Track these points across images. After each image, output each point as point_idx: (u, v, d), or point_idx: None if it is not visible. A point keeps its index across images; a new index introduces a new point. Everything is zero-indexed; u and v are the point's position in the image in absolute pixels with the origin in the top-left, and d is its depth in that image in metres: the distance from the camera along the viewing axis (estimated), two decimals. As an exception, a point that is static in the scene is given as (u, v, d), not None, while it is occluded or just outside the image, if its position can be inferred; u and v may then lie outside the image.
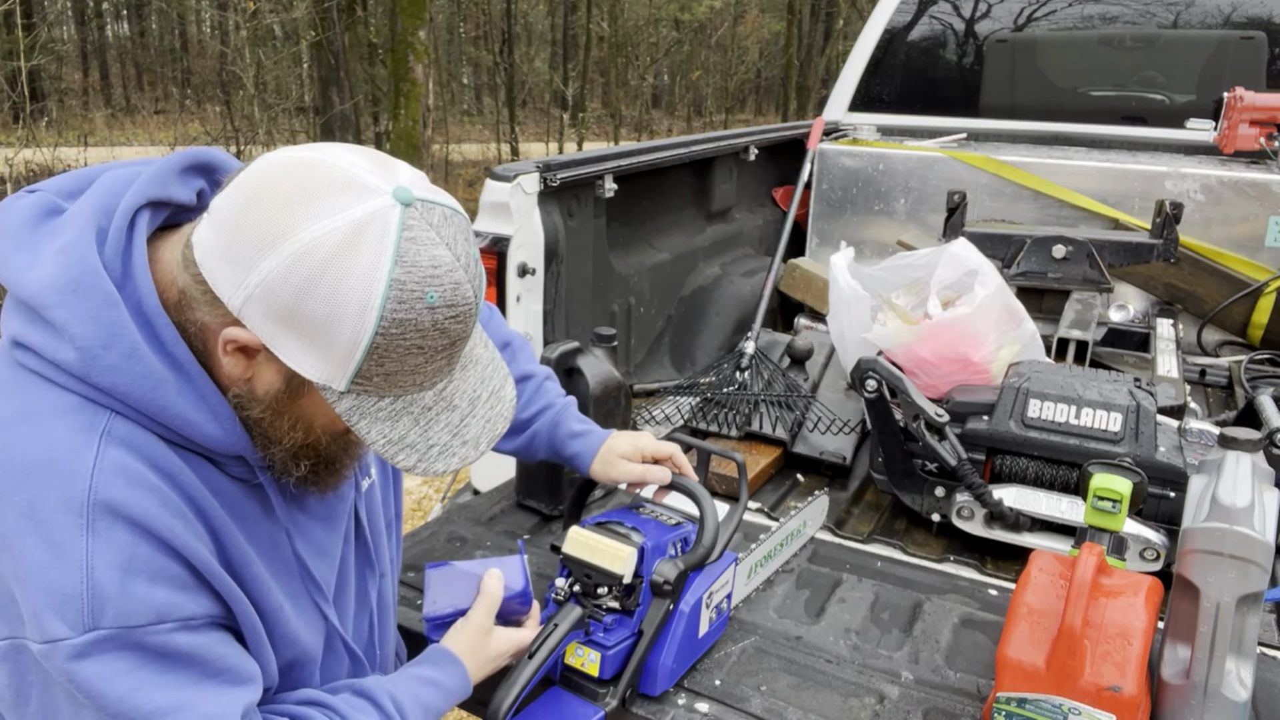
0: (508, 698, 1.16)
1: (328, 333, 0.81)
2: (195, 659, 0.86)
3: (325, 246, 0.79)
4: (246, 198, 0.83)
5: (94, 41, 22.39)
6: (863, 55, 3.84)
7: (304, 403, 0.89)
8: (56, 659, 0.79)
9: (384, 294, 0.80)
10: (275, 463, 0.94)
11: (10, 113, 9.53)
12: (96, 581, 0.79)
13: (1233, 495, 1.22)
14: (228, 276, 0.82)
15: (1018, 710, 1.21)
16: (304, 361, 0.83)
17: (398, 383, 0.87)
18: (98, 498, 0.81)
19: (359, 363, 0.83)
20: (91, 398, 0.84)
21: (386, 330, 0.82)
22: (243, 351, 0.86)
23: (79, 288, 0.83)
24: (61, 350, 0.83)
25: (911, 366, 2.11)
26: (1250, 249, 2.85)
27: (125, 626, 0.81)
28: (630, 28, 21.51)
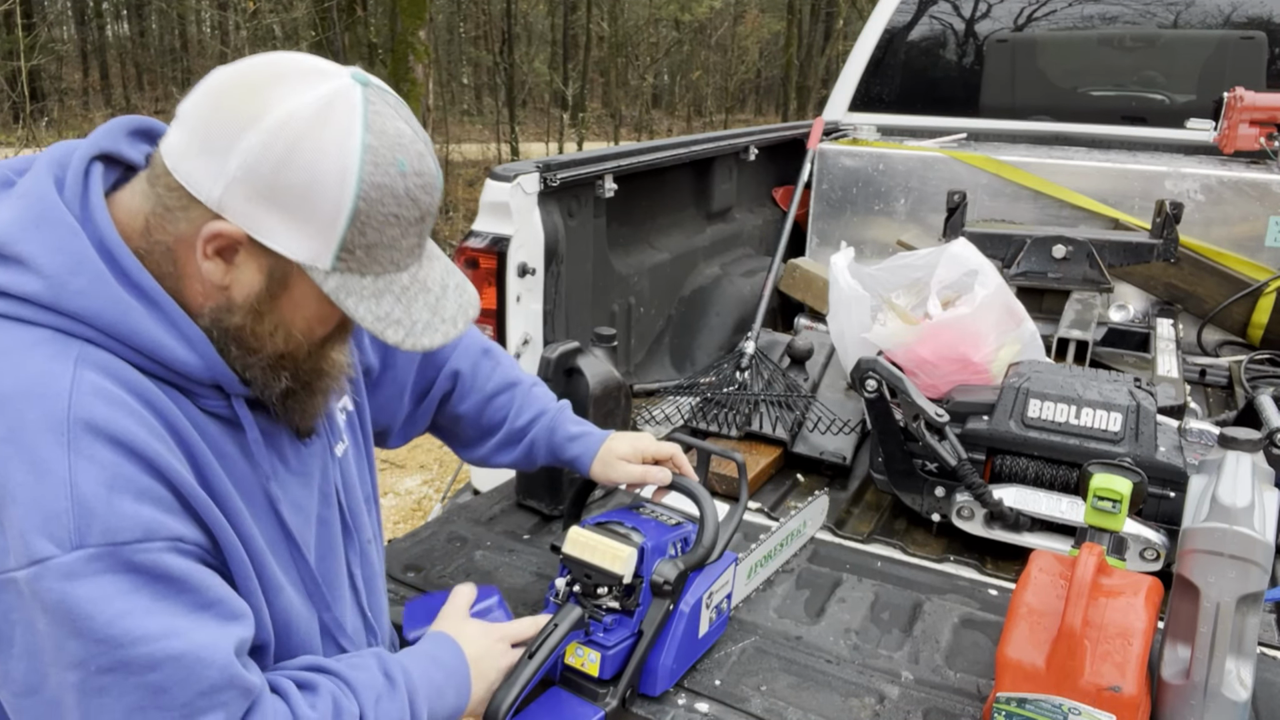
0: (508, 698, 1.16)
1: (311, 201, 0.85)
2: (186, 585, 0.85)
3: (301, 118, 0.84)
4: (216, 94, 0.86)
5: (94, 41, 22.39)
6: (863, 55, 3.84)
7: (284, 302, 0.91)
8: (46, 580, 0.77)
9: (360, 158, 0.85)
10: (254, 380, 0.94)
11: (10, 112, 9.53)
12: (81, 497, 0.79)
13: (1233, 495, 1.22)
14: (206, 167, 0.84)
15: (1018, 710, 1.21)
16: (289, 241, 0.86)
17: (377, 258, 0.90)
18: (77, 416, 0.80)
19: (342, 233, 0.87)
20: (63, 328, 0.84)
21: (366, 194, 0.86)
22: (222, 253, 0.87)
23: (42, 221, 0.85)
24: (29, 282, 0.84)
25: (911, 366, 2.11)
26: (1250, 249, 2.85)
27: (113, 543, 0.79)
28: (630, 28, 21.51)
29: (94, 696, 0.80)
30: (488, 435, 1.46)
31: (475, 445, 1.48)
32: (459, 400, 1.44)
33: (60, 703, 0.80)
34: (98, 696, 0.80)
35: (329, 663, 1.01)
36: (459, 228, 9.78)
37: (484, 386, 1.44)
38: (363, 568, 1.17)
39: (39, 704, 0.80)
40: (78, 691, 0.79)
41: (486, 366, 1.46)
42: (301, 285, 0.90)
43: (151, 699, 0.81)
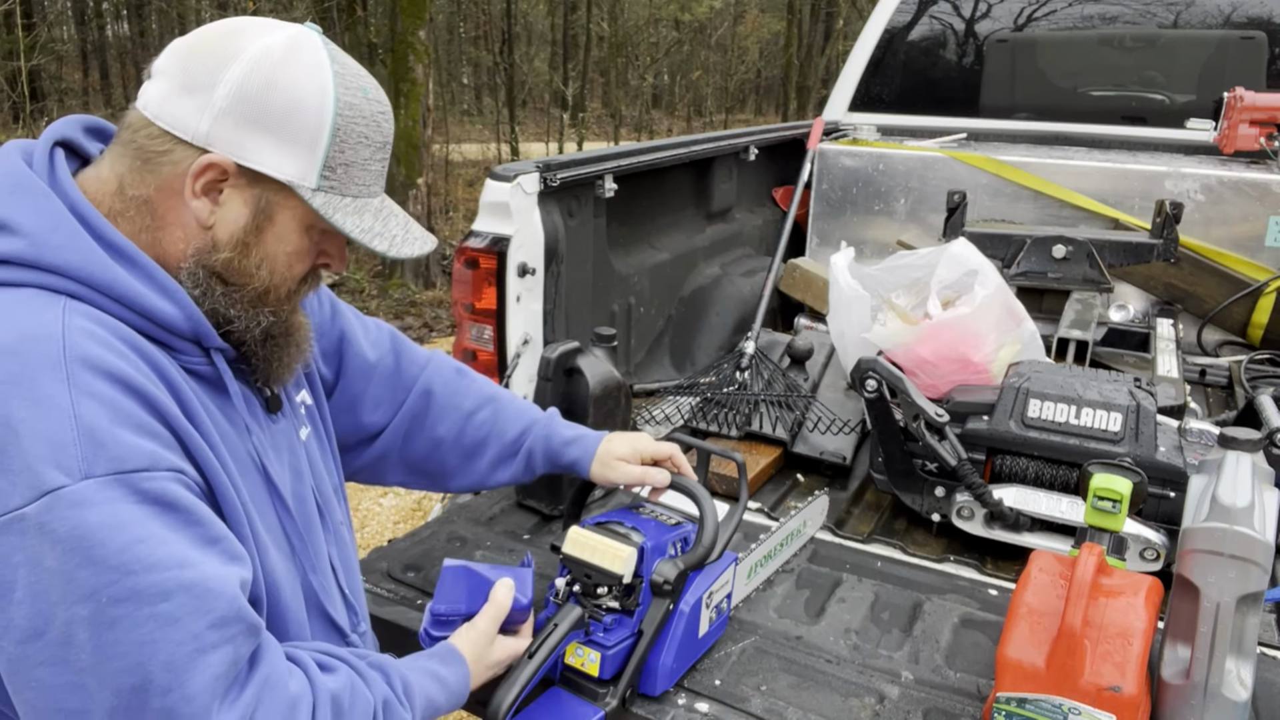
0: (508, 697, 1.16)
1: (296, 120, 0.94)
2: (193, 516, 0.86)
3: (276, 50, 0.94)
4: (189, 47, 0.95)
5: (94, 41, 22.38)
6: (863, 55, 3.83)
7: (269, 234, 0.98)
8: (57, 510, 0.78)
9: (333, 81, 0.96)
10: (237, 319, 0.99)
11: (10, 113, 9.53)
12: (86, 427, 0.81)
13: (1233, 495, 1.22)
14: (191, 105, 0.92)
15: (1018, 710, 1.21)
16: (277, 161, 0.94)
17: (354, 178, 1.00)
18: (73, 354, 0.83)
19: (325, 149, 0.96)
20: (46, 284, 0.88)
21: (342, 112, 0.96)
22: (209, 190, 0.94)
23: (16, 189, 0.90)
24: (10, 242, 0.87)
25: (911, 366, 2.11)
26: (1250, 249, 2.85)
27: (120, 471, 0.81)
28: (630, 28, 21.51)
29: (106, 629, 0.80)
30: (474, 455, 1.43)
31: (463, 469, 1.44)
32: (436, 421, 1.41)
33: (70, 640, 0.79)
34: (110, 629, 0.80)
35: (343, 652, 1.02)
36: (459, 228, 9.77)
37: (461, 404, 1.42)
38: (338, 548, 1.18)
39: (45, 647, 0.79)
40: (90, 625, 0.79)
41: (461, 385, 1.44)
42: (284, 215, 0.98)
43: (162, 630, 0.81)
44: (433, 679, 1.08)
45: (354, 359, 1.35)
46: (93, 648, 0.79)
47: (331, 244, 1.05)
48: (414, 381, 1.41)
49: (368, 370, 1.36)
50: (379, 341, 1.39)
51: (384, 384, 1.38)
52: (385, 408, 1.39)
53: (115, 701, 0.80)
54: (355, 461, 1.40)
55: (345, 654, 1.02)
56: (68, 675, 0.80)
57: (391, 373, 1.39)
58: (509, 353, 2.08)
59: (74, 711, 0.80)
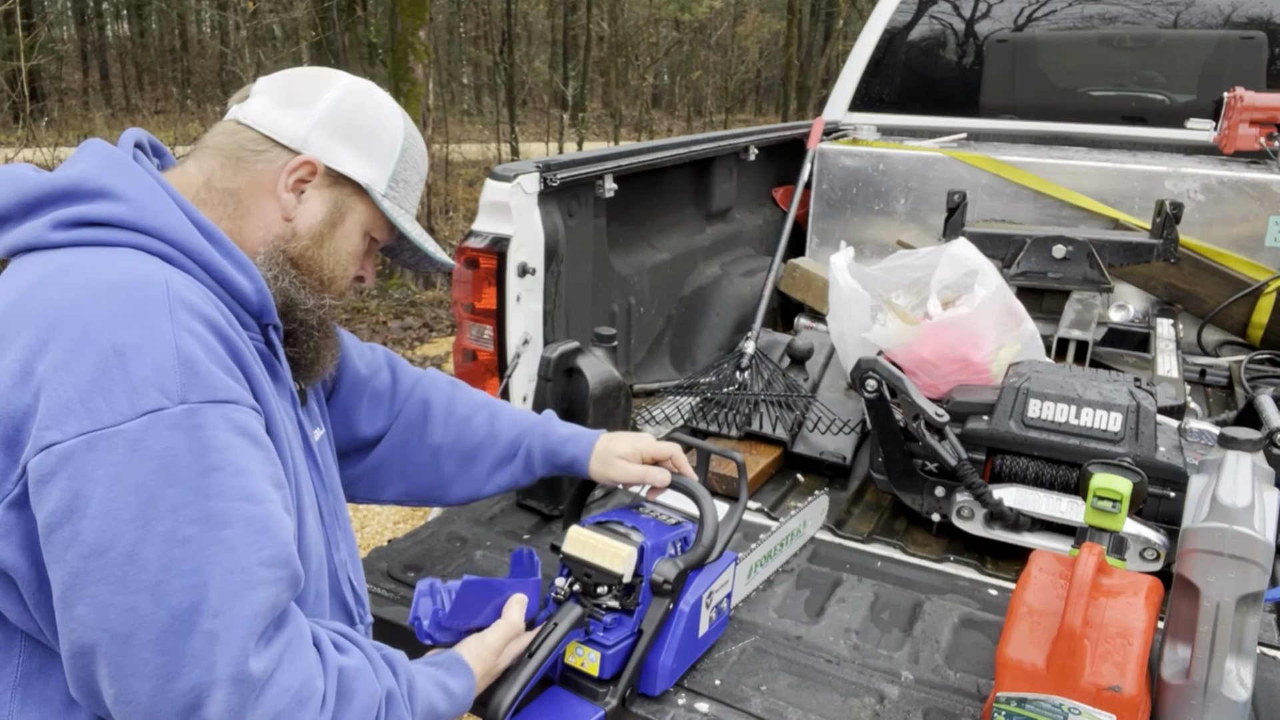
0: (507, 697, 1.16)
1: (377, 136, 1.15)
2: (270, 455, 0.94)
3: (361, 83, 1.17)
4: (288, 75, 1.15)
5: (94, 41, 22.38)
6: (863, 55, 3.83)
7: (339, 232, 1.14)
8: (156, 429, 0.84)
9: (401, 114, 1.19)
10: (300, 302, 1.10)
11: (10, 113, 9.53)
12: (186, 358, 0.88)
13: (1233, 495, 1.22)
14: (291, 115, 1.10)
15: (1018, 710, 1.21)
16: (359, 167, 1.13)
17: (408, 196, 1.20)
18: (175, 296, 0.91)
19: (395, 163, 1.16)
20: (145, 246, 0.96)
21: (408, 139, 1.18)
22: (297, 186, 1.09)
23: (117, 165, 1.00)
24: (113, 206, 0.96)
25: (911, 366, 2.11)
26: (1250, 249, 2.85)
27: (213, 400, 0.88)
28: (630, 28, 21.50)
29: (178, 546, 0.84)
30: (472, 460, 1.45)
31: (462, 475, 1.45)
32: (433, 429, 1.43)
33: (134, 558, 0.83)
34: (181, 547, 0.84)
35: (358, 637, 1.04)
36: (459, 228, 9.77)
37: (456, 410, 1.45)
38: (346, 542, 1.21)
39: (107, 565, 0.82)
40: (164, 542, 0.83)
41: (456, 393, 1.48)
42: (353, 217, 1.14)
43: (221, 556, 0.85)
44: (438, 687, 1.09)
45: (347, 373, 1.40)
46: (160, 565, 0.83)
47: (369, 260, 1.22)
48: (409, 393, 1.44)
49: (361, 384, 1.41)
50: (373, 361, 1.45)
51: (378, 397, 1.42)
52: (381, 419, 1.42)
53: (169, 621, 0.83)
54: (353, 469, 1.42)
55: (360, 640, 1.03)
56: (122, 595, 0.82)
57: (387, 386, 1.43)
58: (509, 353, 2.08)
59: (119, 634, 0.83)
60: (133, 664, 0.83)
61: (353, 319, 6.72)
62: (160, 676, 0.83)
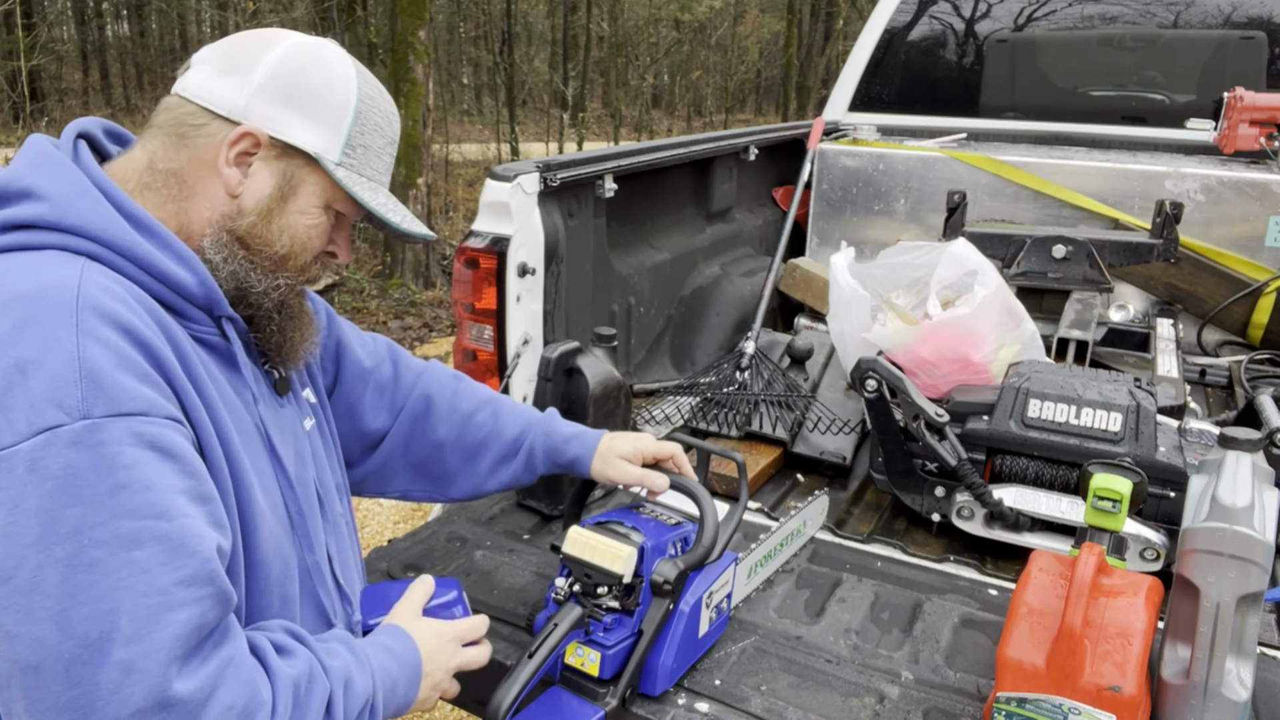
0: (507, 697, 1.16)
1: (325, 99, 1.05)
2: (186, 467, 0.88)
3: (307, 44, 1.07)
4: (229, 40, 1.06)
5: (94, 41, 22.37)
6: (863, 55, 3.83)
7: (291, 206, 1.06)
8: (53, 448, 0.80)
9: (355, 73, 1.08)
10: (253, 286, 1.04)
11: (10, 113, 9.53)
12: (89, 370, 0.83)
13: (1233, 495, 1.22)
14: (230, 83, 1.02)
15: (1018, 710, 1.21)
16: (306, 135, 1.04)
17: (370, 162, 1.10)
18: (85, 302, 0.86)
19: (349, 127, 1.06)
20: (69, 246, 0.92)
21: (364, 98, 1.08)
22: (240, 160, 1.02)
23: (44, 162, 0.96)
24: (35, 207, 0.92)
25: (911, 366, 2.11)
26: (1250, 249, 2.84)
27: (119, 413, 0.83)
28: (630, 28, 21.50)
29: (83, 571, 0.79)
30: (475, 456, 1.44)
31: (464, 471, 1.44)
32: (436, 424, 1.42)
33: (37, 587, 0.79)
34: (86, 572, 0.80)
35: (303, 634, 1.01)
36: (459, 228, 9.77)
37: (460, 406, 1.44)
38: (335, 539, 1.18)
39: (10, 593, 0.79)
40: (66, 567, 0.79)
41: (460, 389, 1.47)
42: (307, 189, 1.06)
43: (133, 578, 0.81)
44: (383, 650, 1.07)
45: (350, 364, 1.38)
46: (63, 592, 0.79)
47: (340, 235, 1.13)
48: (412, 387, 1.43)
49: (364, 375, 1.39)
50: (375, 351, 1.43)
51: (382, 390, 1.41)
52: (385, 413, 1.41)
53: (76, 652, 0.78)
54: (360, 468, 1.41)
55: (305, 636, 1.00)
56: (27, 625, 0.78)
57: (390, 379, 1.42)
58: (509, 353, 2.08)
59: (28, 666, 0.78)
60: (46, 698, 0.78)
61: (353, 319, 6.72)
62: (75, 712, 0.78)
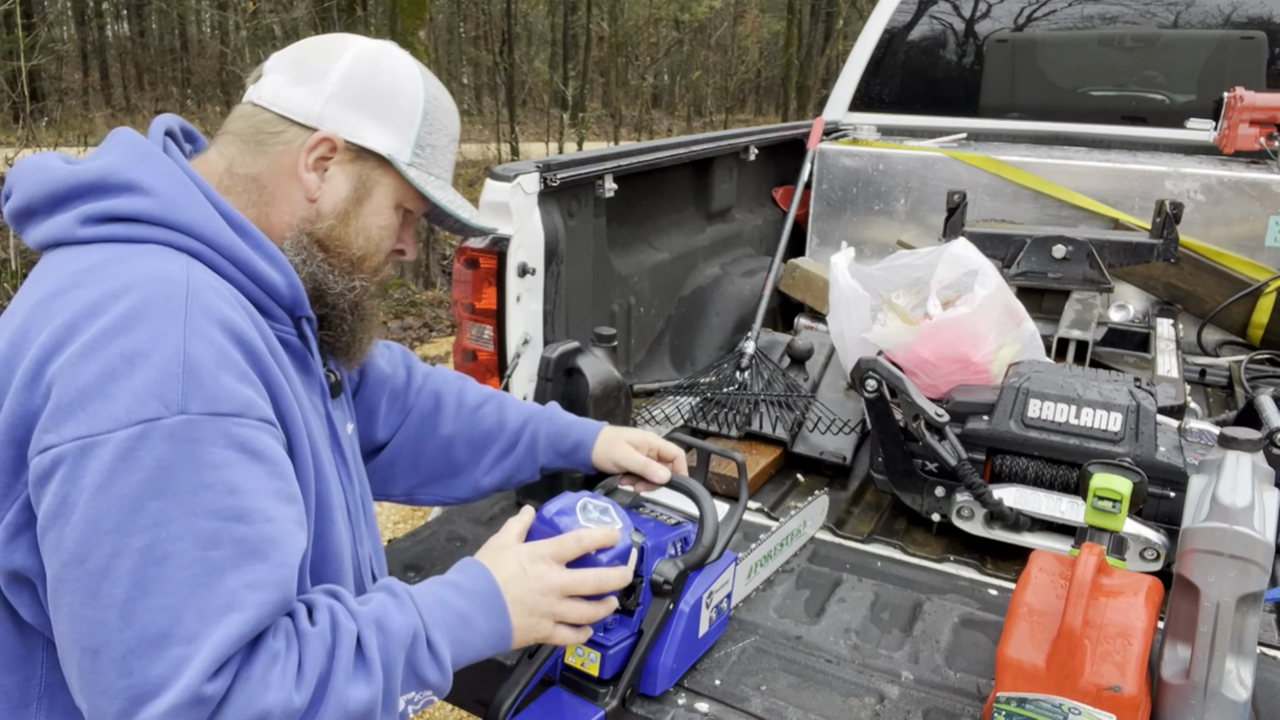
0: (508, 697, 1.16)
1: (395, 102, 1.09)
2: (276, 469, 0.90)
3: (374, 45, 1.11)
4: (298, 49, 1.10)
5: (94, 41, 22.37)
6: (863, 55, 3.83)
7: (366, 207, 1.10)
8: (150, 440, 0.82)
9: (419, 73, 1.13)
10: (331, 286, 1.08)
11: (10, 113, 9.53)
12: (192, 366, 0.85)
13: (1233, 495, 1.22)
14: (305, 91, 1.06)
15: (1018, 710, 1.21)
16: (379, 138, 1.08)
17: (437, 160, 1.14)
18: (194, 299, 0.89)
19: (418, 128, 1.11)
20: (170, 242, 0.94)
21: (430, 99, 1.12)
22: (319, 164, 1.06)
23: (145, 157, 0.98)
24: (140, 201, 0.94)
25: (911, 366, 2.11)
26: (1250, 249, 2.85)
27: (213, 413, 0.85)
28: (630, 28, 21.50)
29: (156, 565, 0.81)
30: (482, 449, 1.45)
31: (472, 465, 1.44)
32: (444, 420, 1.44)
33: (108, 573, 0.80)
34: (160, 565, 0.81)
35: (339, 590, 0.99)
36: (459, 228, 9.74)
37: (467, 400, 1.46)
38: (371, 539, 1.21)
39: (82, 575, 0.80)
40: (140, 558, 0.80)
41: (465, 385, 1.49)
42: (380, 191, 1.10)
43: (205, 576, 0.82)
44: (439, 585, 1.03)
45: (373, 370, 1.40)
46: (133, 582, 0.80)
47: (406, 232, 1.18)
48: (420, 389, 1.45)
49: (383, 381, 1.41)
50: (392, 359, 1.45)
51: (395, 396, 1.42)
52: (396, 417, 1.43)
53: (135, 643, 0.79)
54: (366, 465, 1.41)
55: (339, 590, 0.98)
56: (94, 610, 0.80)
57: (403, 385, 1.44)
58: (509, 353, 2.08)
59: (87, 649, 0.80)
60: (99, 683, 0.80)
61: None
62: (124, 699, 0.79)
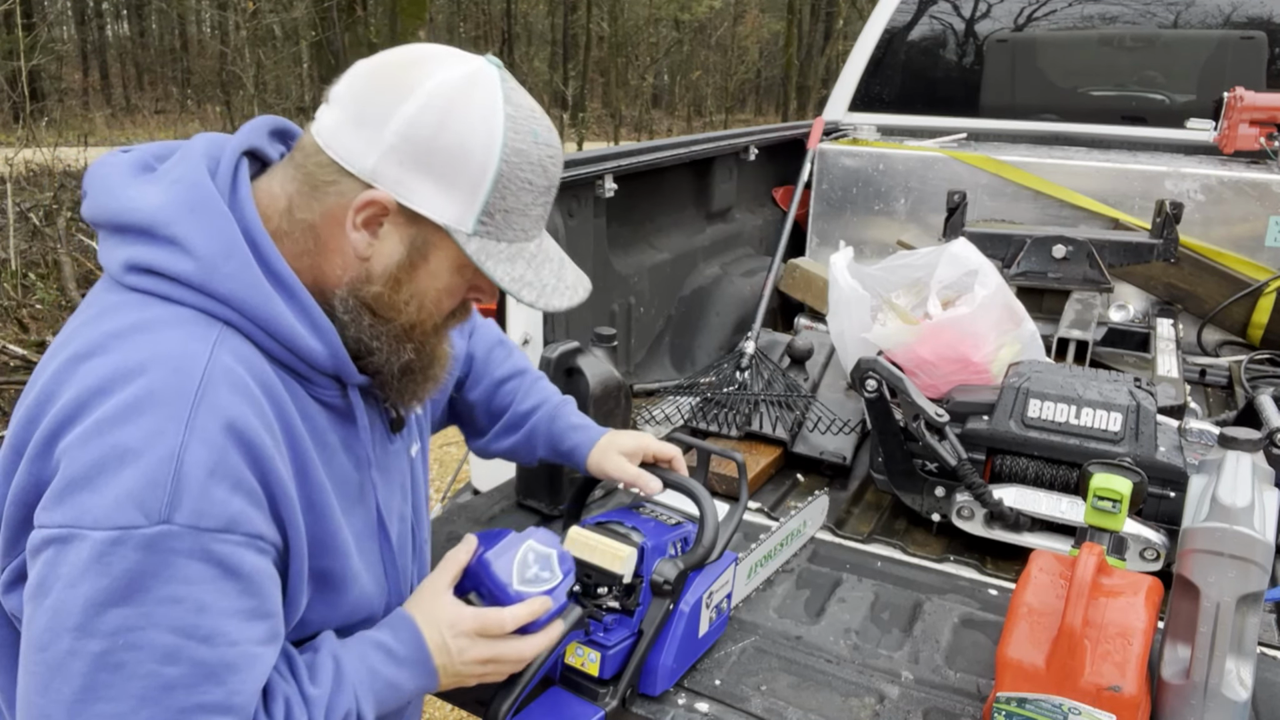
0: (508, 697, 1.16)
1: (460, 164, 0.92)
2: (250, 587, 0.86)
3: (450, 86, 0.92)
4: (366, 76, 0.94)
5: (94, 41, 22.38)
6: (863, 55, 3.84)
7: (422, 272, 0.97)
8: (123, 548, 0.78)
9: (503, 124, 0.93)
10: (380, 350, 0.99)
11: (10, 113, 9.54)
12: (182, 474, 0.81)
13: (1233, 495, 1.22)
14: (361, 139, 0.92)
15: (1018, 710, 1.21)
16: (437, 204, 0.93)
17: (512, 224, 0.97)
18: (205, 392, 0.84)
19: (486, 195, 0.94)
20: (206, 309, 0.89)
21: (508, 158, 0.93)
22: (369, 223, 0.94)
23: (197, 207, 0.90)
24: (181, 262, 0.88)
25: (911, 366, 2.11)
26: (1250, 249, 2.85)
27: (196, 527, 0.81)
28: (630, 28, 21.52)
29: (109, 671, 0.79)
30: (495, 420, 1.48)
31: (485, 432, 1.49)
32: (471, 386, 1.46)
33: (62, 669, 0.79)
34: (112, 672, 0.79)
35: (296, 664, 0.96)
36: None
37: (494, 373, 1.46)
38: (418, 567, 1.20)
39: (40, 662, 0.80)
40: (94, 662, 0.79)
41: (499, 354, 1.48)
42: (439, 255, 0.97)
43: (156, 692, 0.80)
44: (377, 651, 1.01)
45: None
46: (83, 685, 0.79)
47: (483, 279, 1.03)
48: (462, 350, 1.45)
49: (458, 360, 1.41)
50: None
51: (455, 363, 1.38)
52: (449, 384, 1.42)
53: None
54: None
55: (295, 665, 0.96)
56: (44, 700, 0.79)
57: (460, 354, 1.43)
58: (509, 353, 2.08)
59: None
60: None
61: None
62: None
